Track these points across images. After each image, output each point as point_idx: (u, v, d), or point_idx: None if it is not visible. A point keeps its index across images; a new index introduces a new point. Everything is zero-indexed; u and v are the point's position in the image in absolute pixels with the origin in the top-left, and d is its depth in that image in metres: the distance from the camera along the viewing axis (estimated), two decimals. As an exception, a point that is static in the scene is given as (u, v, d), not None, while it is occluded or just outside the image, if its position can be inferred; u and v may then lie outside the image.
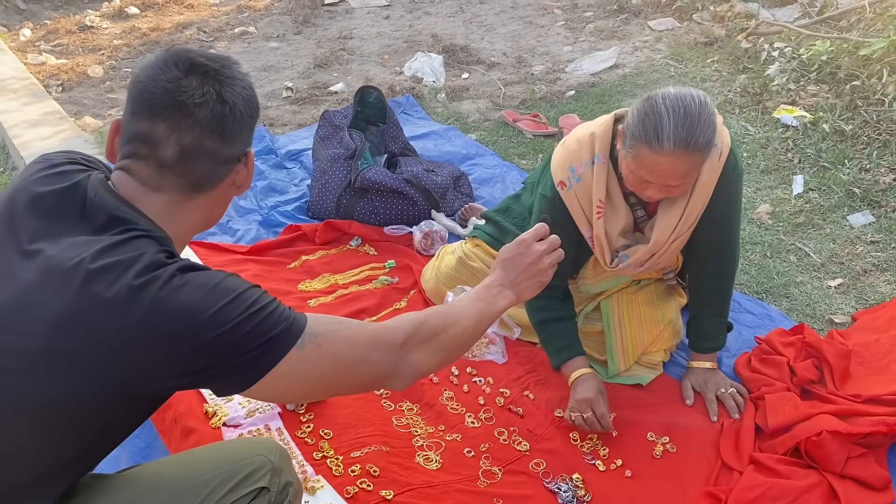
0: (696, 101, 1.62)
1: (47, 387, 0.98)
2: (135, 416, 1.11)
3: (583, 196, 1.88)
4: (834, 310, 2.29)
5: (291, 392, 1.16)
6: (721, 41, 4.30)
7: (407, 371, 1.22)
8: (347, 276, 2.52)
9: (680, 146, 1.59)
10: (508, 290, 1.40)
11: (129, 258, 1.01)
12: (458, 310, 1.33)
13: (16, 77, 4.61)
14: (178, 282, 1.01)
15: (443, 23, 5.27)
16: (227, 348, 1.02)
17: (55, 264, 1.01)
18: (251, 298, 1.05)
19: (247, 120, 1.17)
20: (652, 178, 1.67)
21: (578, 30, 4.89)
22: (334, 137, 2.99)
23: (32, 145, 3.61)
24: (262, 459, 1.24)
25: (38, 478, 1.03)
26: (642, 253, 1.88)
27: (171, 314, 0.99)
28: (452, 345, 1.29)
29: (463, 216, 2.84)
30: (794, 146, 3.15)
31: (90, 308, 0.98)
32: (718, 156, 1.78)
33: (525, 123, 3.59)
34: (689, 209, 1.81)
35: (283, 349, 1.06)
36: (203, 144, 1.12)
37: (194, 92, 1.10)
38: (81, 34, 5.59)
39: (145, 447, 1.87)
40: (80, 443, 1.05)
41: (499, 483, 1.75)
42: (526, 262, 1.41)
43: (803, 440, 1.72)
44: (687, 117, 1.60)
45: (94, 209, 1.08)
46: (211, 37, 5.34)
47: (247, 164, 1.21)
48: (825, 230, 2.65)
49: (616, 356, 2.04)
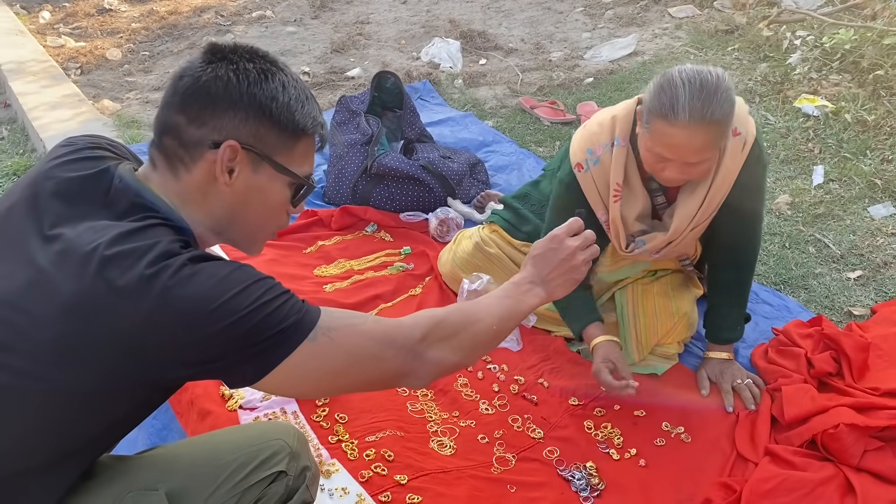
0: (712, 75, 1.60)
1: (58, 370, 0.99)
2: (146, 404, 1.11)
3: (600, 179, 1.86)
4: (853, 302, 2.27)
5: (303, 387, 1.12)
6: (742, 29, 4.25)
7: (424, 369, 1.18)
8: (363, 262, 2.52)
9: (696, 117, 1.58)
10: (539, 287, 1.35)
11: (143, 246, 1.00)
12: (483, 308, 1.28)
13: (35, 60, 4.63)
14: (189, 271, 1.00)
15: (461, 8, 5.25)
16: (236, 339, 1.00)
17: (72, 248, 1.01)
18: (262, 289, 1.03)
19: (222, 103, 1.09)
20: (668, 153, 1.65)
21: (597, 16, 4.85)
22: (351, 123, 2.99)
23: (51, 127, 3.63)
24: (280, 443, 1.24)
25: (50, 460, 1.03)
26: (660, 240, 1.87)
27: (181, 303, 0.98)
28: (474, 343, 1.24)
29: (480, 202, 2.84)
30: (814, 136, 3.11)
31: (103, 295, 0.98)
32: (743, 144, 1.76)
33: (542, 110, 3.57)
34: (710, 197, 1.79)
35: (295, 342, 1.04)
36: (170, 118, 1.11)
37: (186, 67, 1.11)
38: (100, 17, 5.61)
39: (162, 428, 1.89)
40: (91, 428, 1.05)
41: (512, 470, 1.75)
42: (558, 258, 1.35)
43: (820, 432, 1.71)
44: (703, 89, 1.58)
45: (117, 195, 1.09)
46: (229, 21, 5.34)
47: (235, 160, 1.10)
48: (845, 221, 2.63)
49: (630, 347, 2.03)
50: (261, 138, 1.12)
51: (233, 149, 1.10)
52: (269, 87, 1.11)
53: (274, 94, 1.11)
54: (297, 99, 1.14)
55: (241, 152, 1.10)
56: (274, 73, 1.13)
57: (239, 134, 1.10)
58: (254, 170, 1.13)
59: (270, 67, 1.13)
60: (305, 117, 1.15)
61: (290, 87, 1.13)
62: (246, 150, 1.11)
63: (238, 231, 1.19)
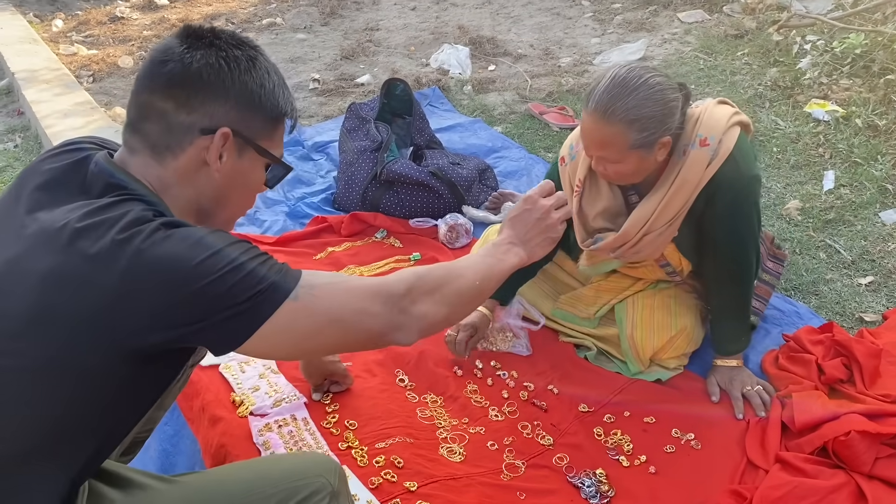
0: (640, 79, 1.63)
1: (43, 347, 0.99)
2: (139, 380, 1.08)
3: (573, 173, 1.95)
4: (864, 308, 2.26)
5: (290, 346, 1.09)
6: (752, 33, 4.24)
7: (411, 323, 1.16)
8: (373, 268, 2.53)
9: (599, 110, 1.64)
10: (518, 247, 1.37)
11: (114, 216, 1.01)
12: (464, 264, 1.29)
13: (48, 68, 4.68)
14: (162, 235, 1.00)
15: (469, 14, 5.26)
16: (215, 300, 0.99)
17: (46, 227, 1.02)
18: (239, 251, 1.03)
19: (213, 90, 1.11)
20: (584, 140, 1.74)
21: (606, 21, 4.85)
22: (361, 129, 3.00)
23: (64, 135, 3.66)
24: (322, 482, 1.23)
25: (49, 445, 1.03)
26: (612, 239, 1.89)
27: (154, 264, 0.98)
28: (458, 298, 1.24)
29: (494, 202, 2.85)
30: (825, 141, 3.10)
31: (76, 264, 0.98)
32: (711, 156, 1.74)
33: (551, 116, 3.57)
34: (664, 205, 1.79)
35: (276, 301, 1.03)
36: (154, 103, 1.11)
37: (166, 51, 1.11)
38: (112, 25, 5.66)
39: (174, 434, 1.90)
40: (88, 407, 1.03)
41: (522, 476, 1.75)
42: (534, 217, 1.39)
43: (831, 439, 1.70)
44: (619, 87, 1.63)
45: (93, 179, 1.10)
46: (239, 28, 5.37)
47: (224, 146, 1.13)
48: (856, 227, 2.62)
49: (631, 358, 2.04)
50: (247, 124, 1.15)
51: (225, 135, 1.12)
52: (257, 75, 1.14)
53: (262, 82, 1.15)
54: (279, 85, 1.18)
55: (231, 138, 1.13)
56: (258, 59, 1.16)
57: (229, 120, 1.13)
58: (239, 154, 1.16)
59: (256, 54, 1.16)
60: (286, 102, 1.19)
61: (272, 74, 1.18)
62: (235, 136, 1.13)
63: (219, 213, 1.21)
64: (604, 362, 2.09)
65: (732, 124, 1.77)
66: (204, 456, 1.79)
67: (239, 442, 1.75)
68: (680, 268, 2.01)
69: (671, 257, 1.98)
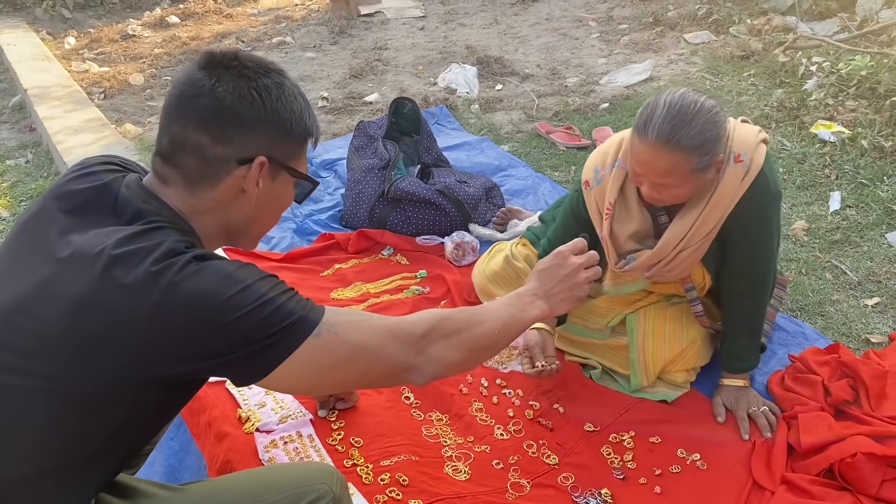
0: (696, 104, 1.64)
1: (70, 369, 1.00)
2: (156, 406, 1.10)
3: (600, 197, 1.94)
4: (870, 329, 2.26)
5: (309, 381, 1.12)
6: (758, 55, 4.26)
7: (426, 365, 1.19)
8: (379, 286, 2.54)
9: (662, 139, 1.63)
10: (542, 300, 1.39)
11: (148, 245, 1.03)
12: (487, 311, 1.31)
13: (60, 84, 4.73)
14: (194, 268, 1.02)
15: (477, 34, 5.30)
16: (241, 335, 1.02)
17: (80, 252, 1.04)
18: (267, 286, 1.05)
19: (247, 122, 1.13)
20: (638, 168, 1.72)
21: (613, 42, 4.88)
22: (369, 148, 3.03)
23: (75, 151, 3.70)
24: (324, 488, 1.24)
25: (66, 465, 1.04)
26: (647, 257, 1.89)
27: (186, 298, 1.00)
28: (477, 344, 1.26)
29: (501, 219, 2.86)
30: (831, 162, 3.11)
31: (109, 292, 1.00)
32: (745, 173, 1.76)
33: (558, 135, 3.59)
34: (702, 220, 1.80)
35: (300, 338, 1.06)
36: (189, 137, 1.12)
37: (195, 84, 1.12)
38: (123, 42, 5.72)
39: (179, 450, 1.91)
40: (108, 430, 1.05)
41: (527, 496, 1.75)
42: (562, 273, 1.40)
43: (837, 461, 1.69)
44: (678, 115, 1.63)
45: (123, 204, 1.12)
46: (249, 46, 5.43)
47: (261, 173, 1.15)
48: (862, 248, 2.62)
49: (638, 371, 2.03)
50: (281, 149, 1.17)
51: (262, 164, 1.15)
52: (287, 102, 1.17)
53: (291, 108, 1.17)
54: (305, 108, 1.21)
55: (267, 165, 1.15)
56: (285, 85, 1.18)
57: (264, 148, 1.15)
58: (273, 178, 1.19)
59: (283, 80, 1.18)
60: (313, 124, 1.22)
61: (299, 97, 1.20)
62: (270, 162, 1.16)
63: (249, 232, 1.24)
64: (608, 382, 2.09)
65: (760, 141, 1.80)
66: (210, 472, 1.79)
67: (244, 458, 1.76)
68: (702, 284, 2.03)
69: (695, 275, 1.99)
